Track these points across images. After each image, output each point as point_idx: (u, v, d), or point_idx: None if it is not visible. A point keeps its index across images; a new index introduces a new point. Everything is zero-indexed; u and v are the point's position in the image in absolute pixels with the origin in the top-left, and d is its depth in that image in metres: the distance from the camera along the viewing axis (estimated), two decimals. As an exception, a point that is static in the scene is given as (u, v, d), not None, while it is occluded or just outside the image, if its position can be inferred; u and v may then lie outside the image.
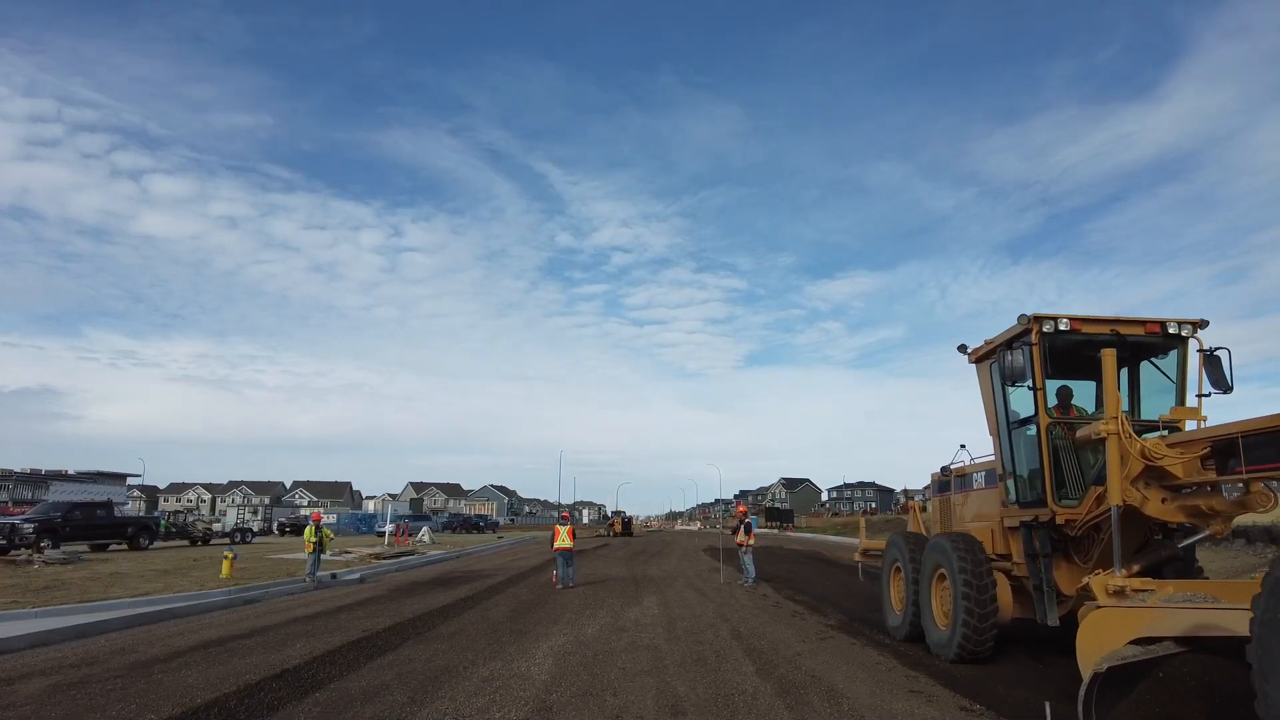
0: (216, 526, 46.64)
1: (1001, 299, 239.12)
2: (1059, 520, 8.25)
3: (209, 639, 11.05)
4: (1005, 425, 9.35)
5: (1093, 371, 8.66)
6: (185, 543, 37.76)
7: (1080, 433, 8.14)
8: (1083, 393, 9.43)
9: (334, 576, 20.94)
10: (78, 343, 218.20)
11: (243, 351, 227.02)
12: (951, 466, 11.43)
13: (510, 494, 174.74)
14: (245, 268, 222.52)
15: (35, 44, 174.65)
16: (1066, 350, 8.69)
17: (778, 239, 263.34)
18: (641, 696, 7.65)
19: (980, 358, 10.05)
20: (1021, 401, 9.01)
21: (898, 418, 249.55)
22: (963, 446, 11.13)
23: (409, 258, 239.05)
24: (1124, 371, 9.18)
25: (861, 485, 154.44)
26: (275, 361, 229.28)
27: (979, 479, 10.43)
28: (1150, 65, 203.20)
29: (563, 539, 19.27)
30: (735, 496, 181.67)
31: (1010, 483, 9.21)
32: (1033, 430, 8.69)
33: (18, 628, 11.15)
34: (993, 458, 9.85)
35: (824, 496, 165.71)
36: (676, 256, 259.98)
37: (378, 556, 28.83)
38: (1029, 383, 8.49)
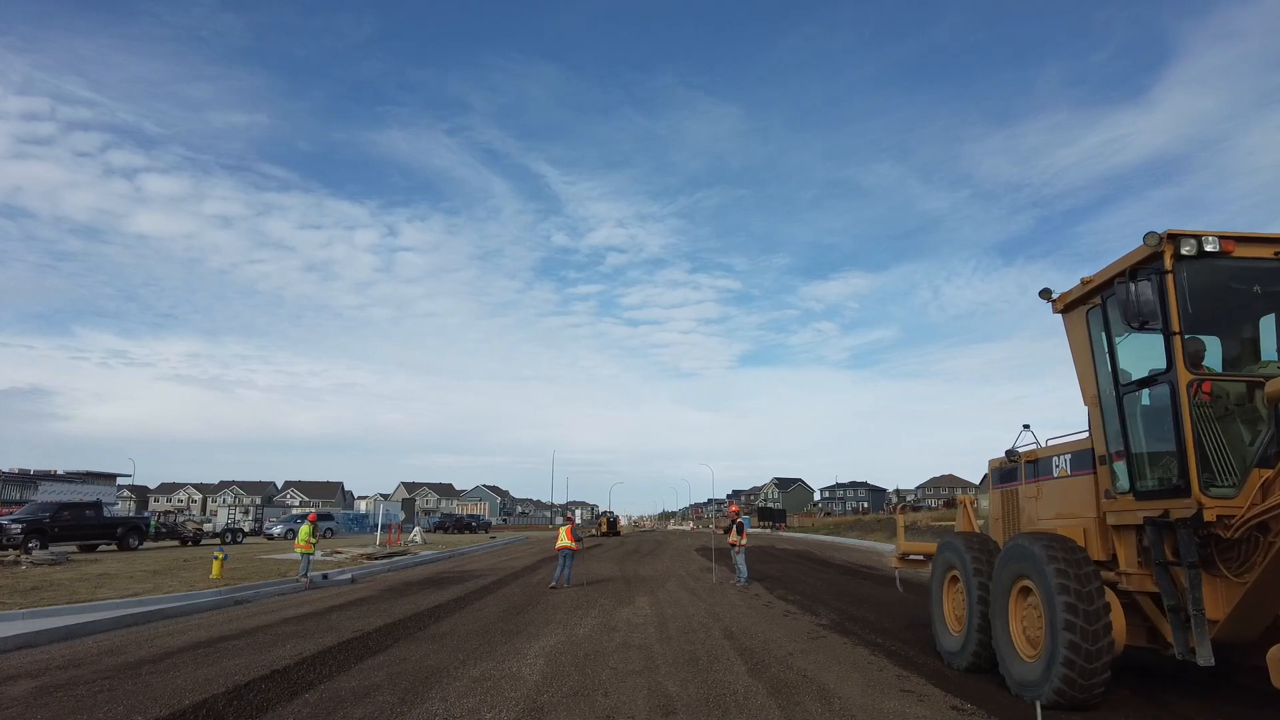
0: (207, 527, 46.36)
1: (993, 300, 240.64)
2: (1207, 517, 6.09)
3: (198, 640, 10.98)
4: (1113, 390, 7.20)
5: (1238, 319, 7.04)
6: (175, 543, 37.53)
7: (1272, 387, 5.84)
8: (1211, 353, 7.17)
9: (325, 577, 20.85)
10: (69, 342, 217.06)
11: (235, 351, 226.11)
12: (1019, 450, 9.29)
13: (503, 494, 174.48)
14: (239, 267, 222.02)
15: (31, 42, 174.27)
16: (1206, 287, 6.58)
17: (773, 240, 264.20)
18: (633, 696, 7.64)
19: (1072, 304, 7.98)
20: (1138, 355, 7.04)
21: (890, 418, 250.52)
22: (1026, 426, 9.35)
23: (404, 257, 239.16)
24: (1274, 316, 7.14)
25: (854, 485, 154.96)
26: (268, 361, 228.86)
27: (1062, 464, 8.31)
28: (1141, 69, 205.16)
29: (563, 538, 19.31)
30: (728, 496, 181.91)
31: (1120, 466, 7.08)
32: (1162, 393, 6.55)
33: (4, 629, 11.05)
34: (1078, 436, 8.04)
35: (816, 496, 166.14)
36: (672, 257, 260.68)
37: (369, 557, 28.72)
38: (1160, 325, 6.29)
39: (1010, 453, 9.42)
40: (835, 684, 8.14)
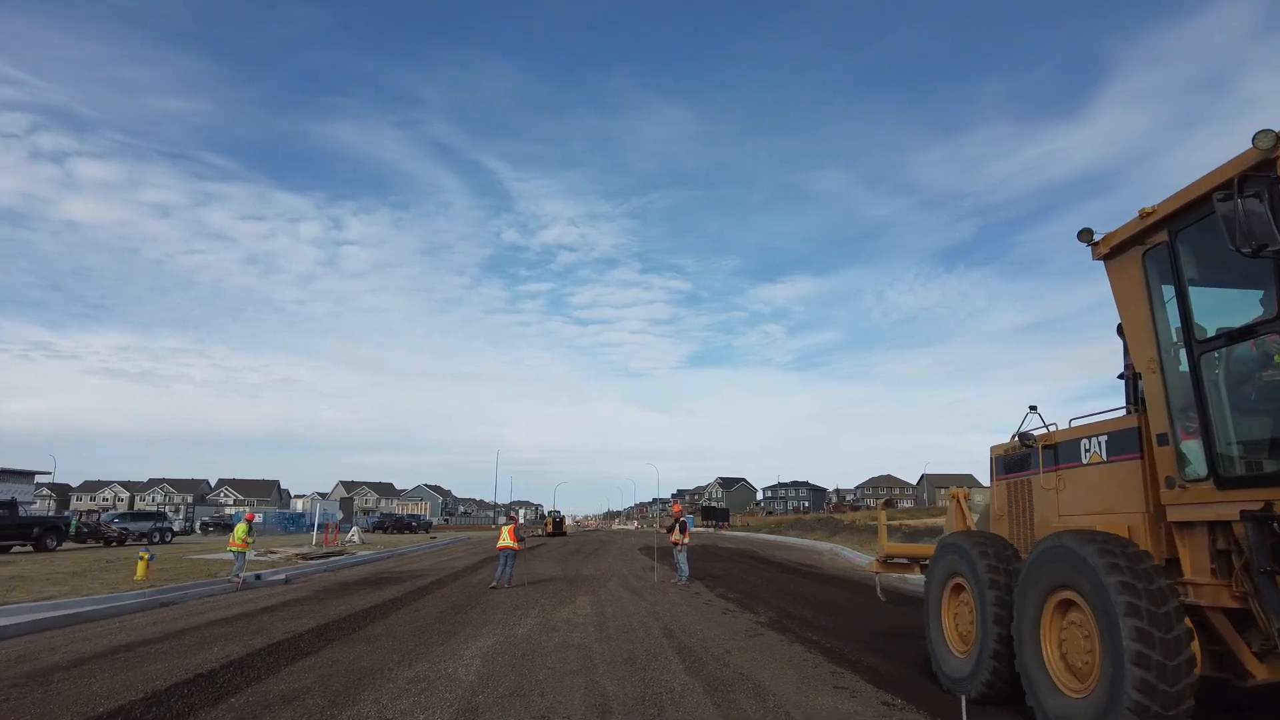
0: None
1: (934, 305, 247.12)
2: None
3: (118, 644, 10.55)
4: (1184, 349, 5.71)
5: None
6: (99, 544, 36.03)
7: None
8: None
9: (258, 577, 20.26)
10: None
11: (170, 344, 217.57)
12: (1033, 433, 7.90)
13: (445, 494, 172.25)
14: (175, 257, 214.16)
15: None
16: None
17: (723, 242, 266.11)
18: (570, 696, 7.60)
19: (1122, 245, 6.46)
20: (1217, 306, 5.71)
21: (832, 420, 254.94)
22: (1033, 408, 8.10)
23: (348, 251, 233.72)
24: None
25: (795, 485, 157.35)
26: (204, 355, 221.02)
27: (1094, 447, 6.88)
28: (1078, 87, 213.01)
29: (505, 538, 19.12)
30: (673, 496, 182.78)
31: (1193, 447, 5.65)
32: (1267, 350, 5.29)
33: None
34: (1113, 414, 6.91)
35: (759, 496, 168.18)
36: (623, 257, 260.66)
37: (305, 557, 28.04)
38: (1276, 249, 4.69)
39: (1023, 436, 7.91)
40: (771, 681, 8.24)
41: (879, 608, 14.70)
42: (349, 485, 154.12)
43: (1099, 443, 6.88)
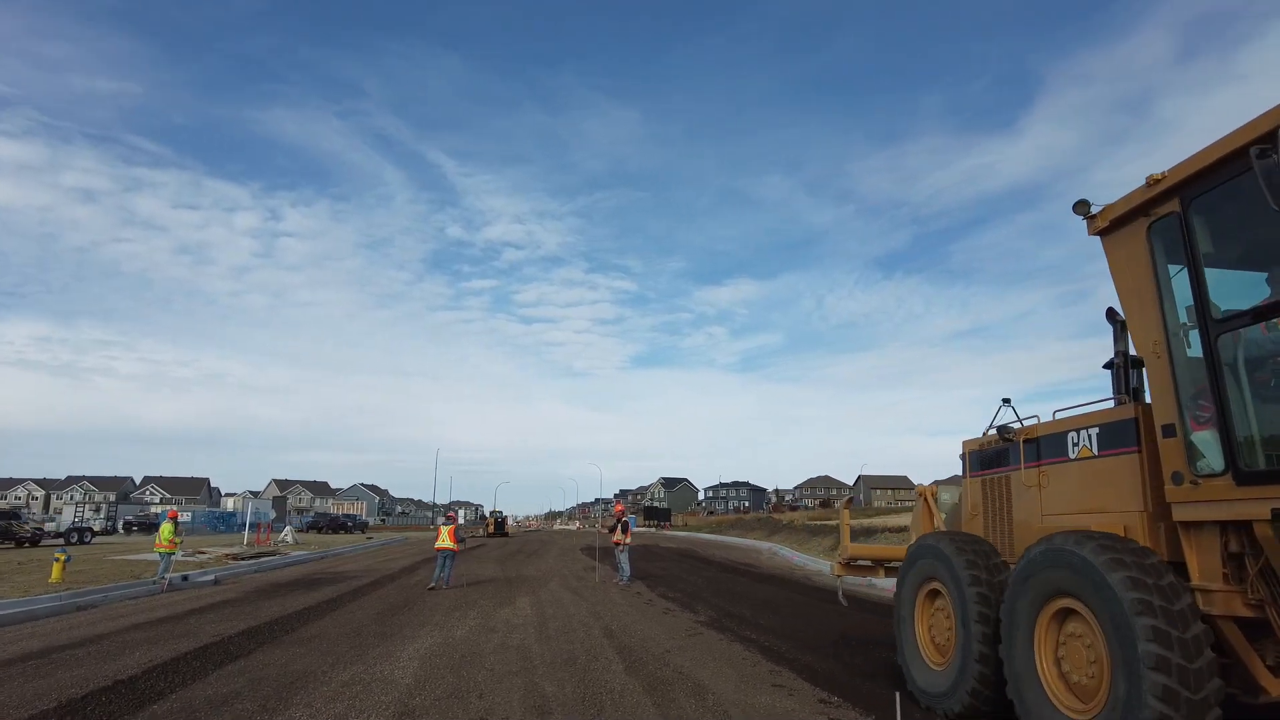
0: (49, 526, 42.59)
1: (873, 311, 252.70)
2: None
3: (29, 650, 10.03)
4: (1197, 330, 5.24)
5: None
6: (10, 544, 34.27)
7: None
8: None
9: (185, 578, 19.52)
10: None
11: (93, 336, 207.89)
12: (1012, 426, 7.40)
13: (382, 493, 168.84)
14: (101, 245, 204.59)
15: None
16: None
17: (669, 244, 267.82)
18: (508, 698, 7.54)
19: (1125, 217, 5.86)
20: (1228, 287, 5.28)
21: (773, 421, 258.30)
22: (1007, 401, 7.60)
23: (285, 243, 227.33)
24: None
25: (736, 485, 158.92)
26: (131, 348, 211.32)
27: (1083, 440, 6.43)
28: (1011, 103, 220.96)
29: (444, 539, 18.78)
30: (615, 496, 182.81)
31: (1205, 438, 5.18)
32: None
33: None
34: (1101, 405, 6.52)
35: (700, 496, 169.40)
36: (569, 256, 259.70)
37: (235, 557, 27.17)
38: None
39: (1002, 429, 7.44)
40: (710, 680, 8.30)
41: (818, 607, 15.00)
42: (282, 484, 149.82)
43: (1089, 436, 6.39)
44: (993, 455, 7.76)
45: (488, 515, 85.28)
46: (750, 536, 52.95)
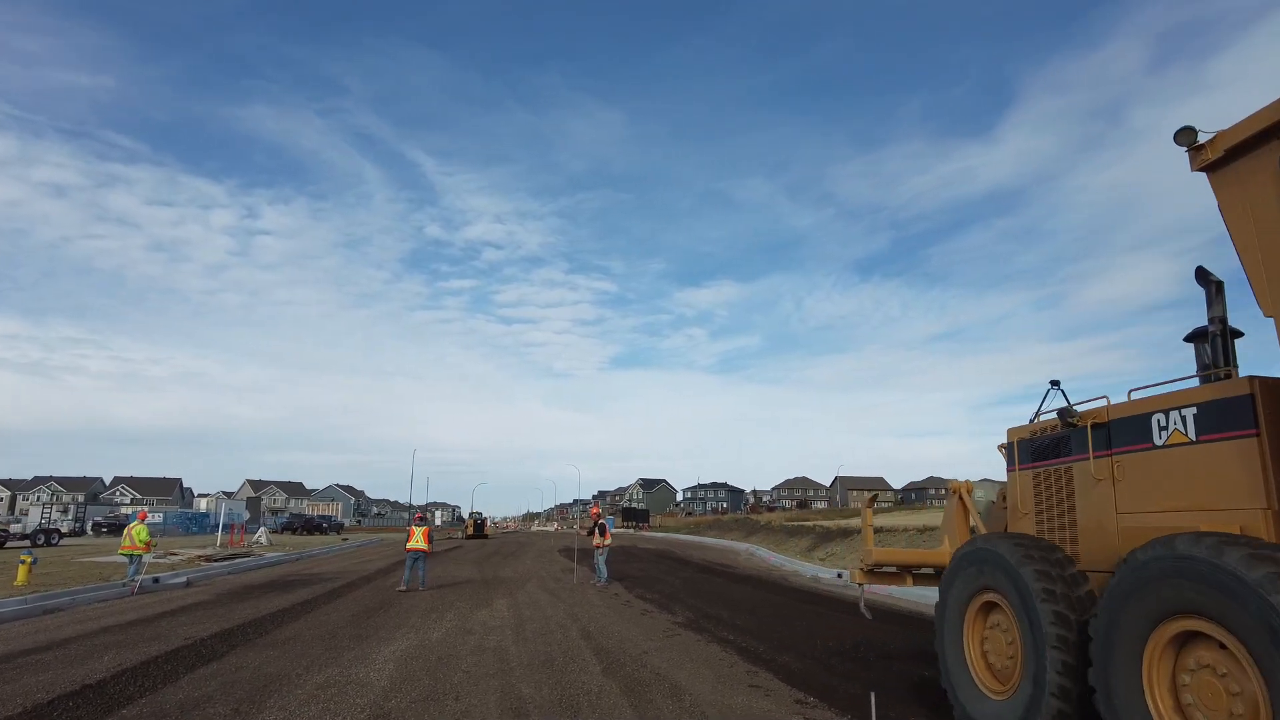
0: (15, 528, 41.77)
1: (851, 314, 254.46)
2: None
3: (-3, 653, 9.85)
4: None
5: None
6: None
7: None
8: None
9: (156, 581, 19.23)
10: None
11: (63, 334, 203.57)
12: (1075, 409, 6.31)
13: (358, 494, 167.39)
14: (73, 241, 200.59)
15: None
16: None
17: (651, 245, 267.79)
18: (485, 700, 7.51)
19: (1239, 148, 4.91)
20: None
21: (751, 422, 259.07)
22: (1056, 384, 6.78)
23: (262, 241, 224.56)
24: None
25: (714, 486, 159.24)
26: (102, 346, 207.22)
27: (1174, 423, 5.39)
28: (989, 109, 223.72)
29: (416, 540, 18.59)
30: (594, 497, 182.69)
31: None
32: None
33: None
34: (1188, 382, 5.58)
35: (679, 497, 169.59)
36: (550, 256, 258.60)
37: (208, 558, 26.83)
38: None
39: (1064, 412, 6.34)
40: (687, 681, 8.32)
41: (795, 608, 15.06)
42: (256, 484, 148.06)
43: (1182, 418, 5.32)
44: (1048, 444, 6.63)
45: (466, 517, 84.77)
46: (728, 537, 53.11)
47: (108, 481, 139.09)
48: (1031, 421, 6.95)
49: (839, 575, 21.53)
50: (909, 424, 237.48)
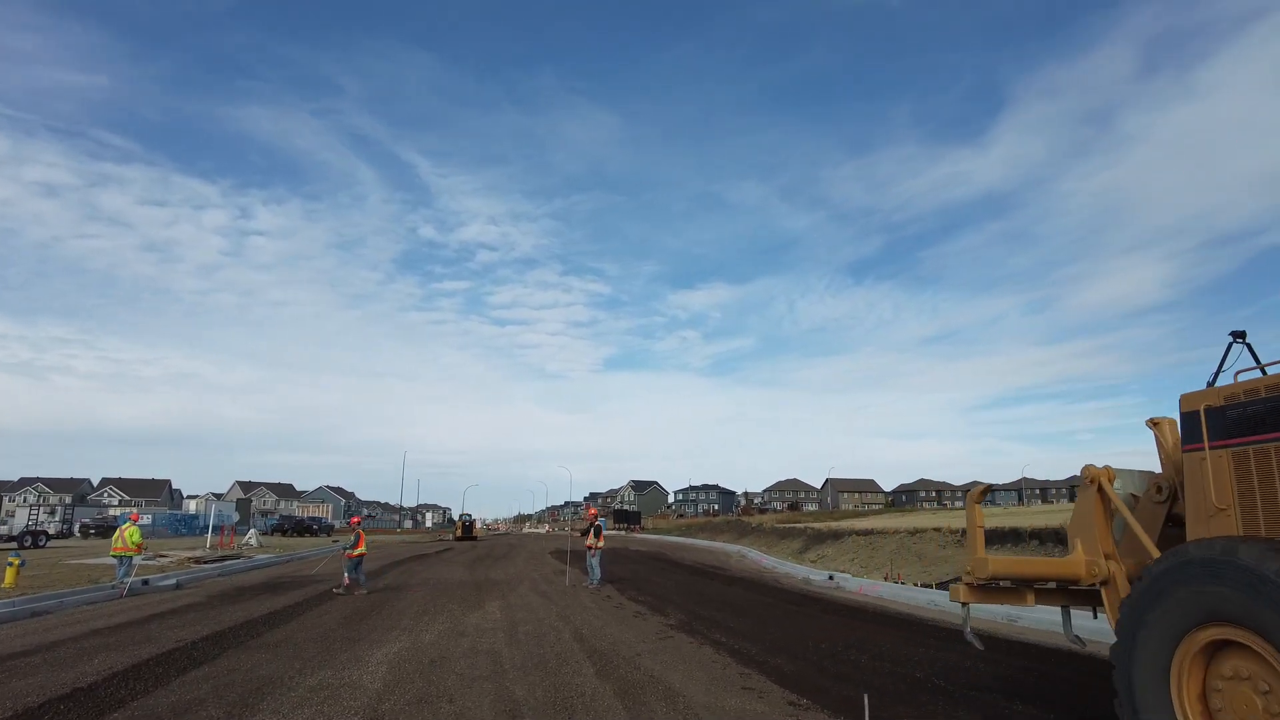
0: (2, 529, 41.44)
1: (843, 316, 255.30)
2: None
3: (-15, 656, 9.78)
4: None
5: None
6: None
7: None
8: None
9: (146, 583, 19.11)
10: None
11: (53, 334, 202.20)
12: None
13: (348, 496, 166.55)
14: (64, 241, 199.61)
15: None
16: None
17: (645, 247, 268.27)
18: (479, 702, 7.51)
19: None
20: None
21: (743, 424, 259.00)
22: (1240, 336, 5.81)
23: (256, 241, 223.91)
24: None
25: (706, 488, 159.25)
26: (92, 346, 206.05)
27: None
28: (980, 114, 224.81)
29: (363, 545, 19.30)
30: (585, 499, 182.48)
31: None
32: None
33: None
34: None
35: (670, 499, 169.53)
36: (544, 258, 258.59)
37: (198, 560, 26.68)
38: None
39: None
40: (680, 683, 8.34)
41: (787, 610, 15.06)
42: (246, 486, 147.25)
43: None
44: (1255, 415, 5.02)
45: (456, 519, 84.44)
46: (720, 539, 53.13)
47: (95, 483, 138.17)
48: (1210, 385, 5.57)
49: (830, 577, 21.60)
50: (900, 426, 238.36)
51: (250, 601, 16.29)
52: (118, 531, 18.34)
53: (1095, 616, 6.62)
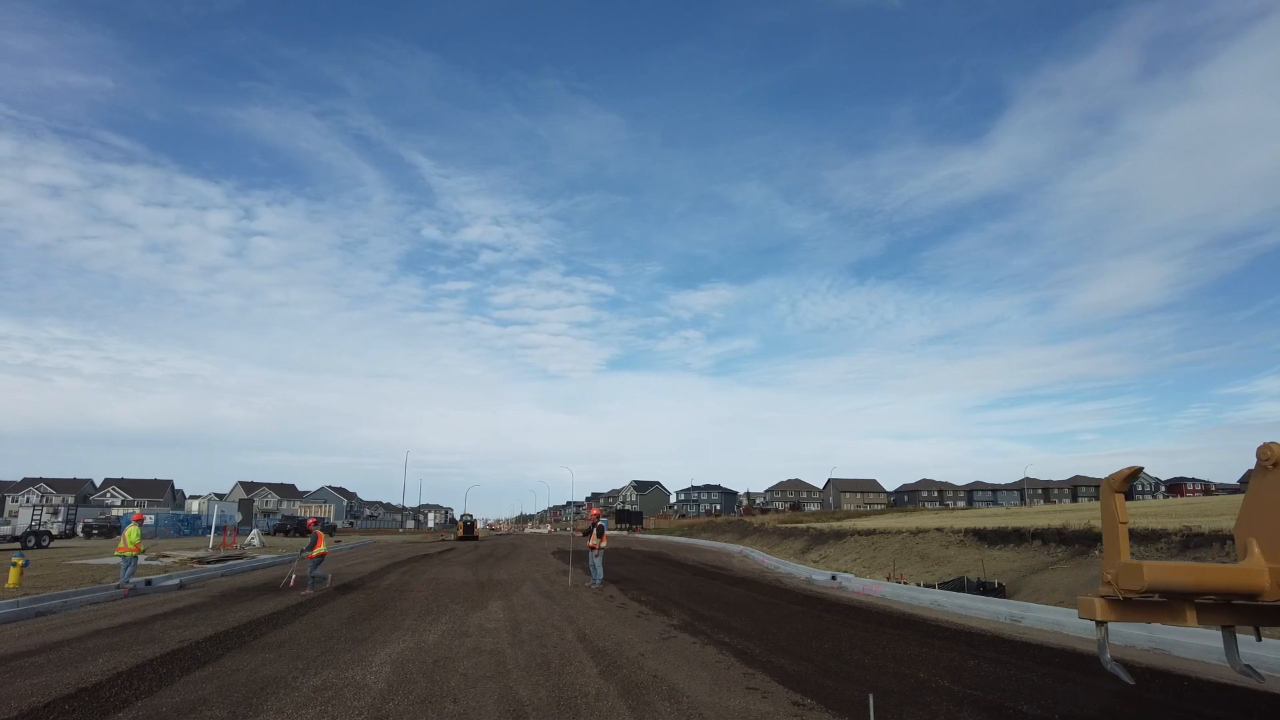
0: (4, 530, 41.47)
1: (844, 316, 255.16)
2: None
3: (-10, 656, 9.79)
4: None
5: None
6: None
7: None
8: None
9: (149, 583, 19.13)
10: None
11: (56, 335, 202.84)
12: None
13: (350, 496, 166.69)
14: (67, 242, 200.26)
15: None
16: None
17: (647, 247, 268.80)
18: (483, 702, 7.50)
19: None
20: None
21: (745, 424, 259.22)
22: None
23: (258, 242, 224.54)
24: None
25: (708, 488, 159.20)
26: (95, 347, 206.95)
27: None
28: (981, 115, 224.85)
29: (323, 545, 19.48)
30: (587, 499, 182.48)
31: None
32: None
33: None
34: None
35: (672, 499, 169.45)
36: (547, 258, 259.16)
37: (200, 560, 26.70)
38: None
39: None
40: (684, 683, 8.33)
41: (790, 610, 15.04)
42: (248, 486, 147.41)
43: None
44: None
45: (458, 519, 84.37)
46: (721, 539, 53.10)
47: (98, 483, 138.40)
48: None
49: (833, 577, 21.58)
50: (902, 426, 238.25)
51: (253, 601, 16.30)
52: (124, 531, 18.43)
53: (1259, 639, 5.69)
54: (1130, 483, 5.48)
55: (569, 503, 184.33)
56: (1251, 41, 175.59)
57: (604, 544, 20.64)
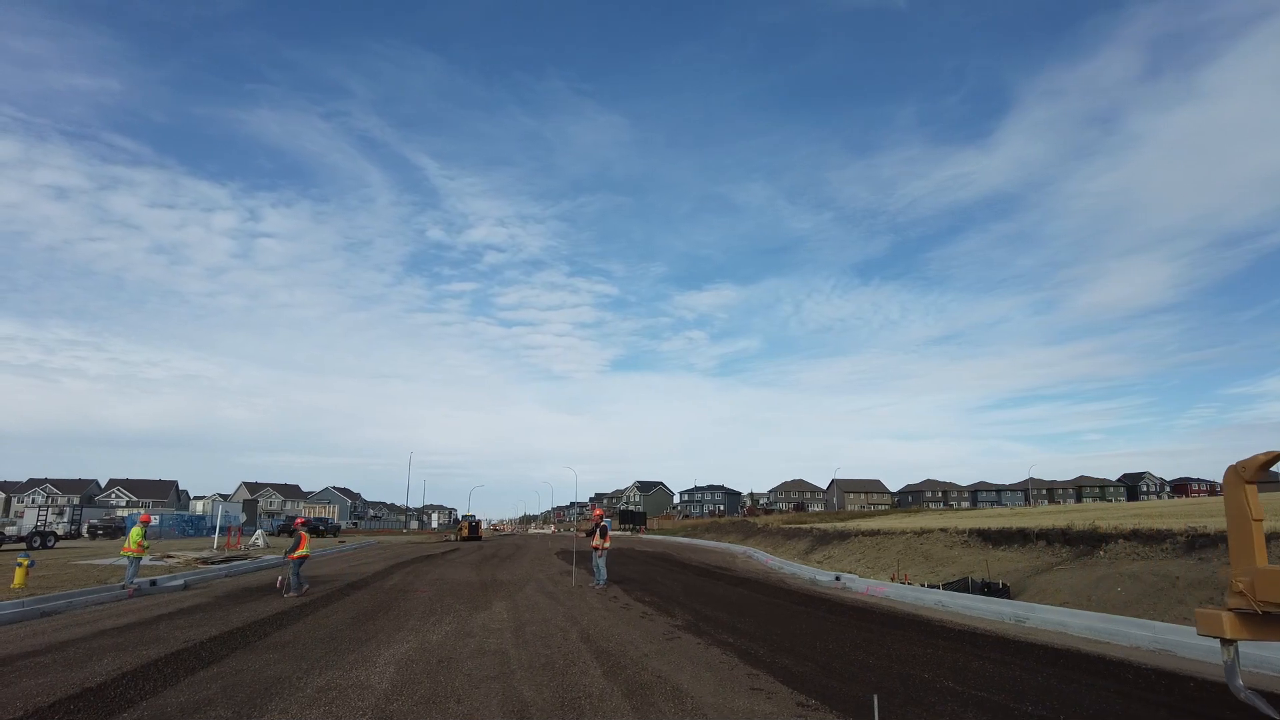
0: (10, 530, 41.61)
1: (849, 317, 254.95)
2: None
3: (-5, 656, 9.82)
4: None
5: None
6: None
7: None
8: None
9: (154, 583, 19.17)
10: None
11: (62, 336, 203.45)
12: None
13: (354, 496, 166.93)
14: (73, 244, 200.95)
15: None
16: None
17: (651, 248, 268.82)
18: (487, 702, 7.50)
19: None
20: None
21: (748, 425, 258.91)
22: None
23: (264, 244, 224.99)
24: None
25: (711, 489, 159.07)
26: (101, 349, 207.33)
27: None
28: (985, 115, 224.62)
29: (306, 547, 19.21)
30: (591, 499, 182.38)
31: None
32: None
33: None
34: None
35: (676, 499, 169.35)
36: (551, 259, 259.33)
37: (205, 561, 26.75)
38: None
39: None
40: (688, 684, 8.32)
41: (794, 610, 15.02)
42: (252, 486, 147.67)
43: None
44: None
45: (461, 519, 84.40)
46: (725, 540, 53.05)
47: (103, 484, 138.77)
48: None
49: (837, 578, 21.54)
50: (906, 427, 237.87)
51: (257, 602, 16.33)
52: (129, 532, 18.50)
53: None
54: (1266, 471, 4.43)
55: (573, 503, 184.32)
56: (1255, 41, 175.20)
57: (608, 544, 20.63)
